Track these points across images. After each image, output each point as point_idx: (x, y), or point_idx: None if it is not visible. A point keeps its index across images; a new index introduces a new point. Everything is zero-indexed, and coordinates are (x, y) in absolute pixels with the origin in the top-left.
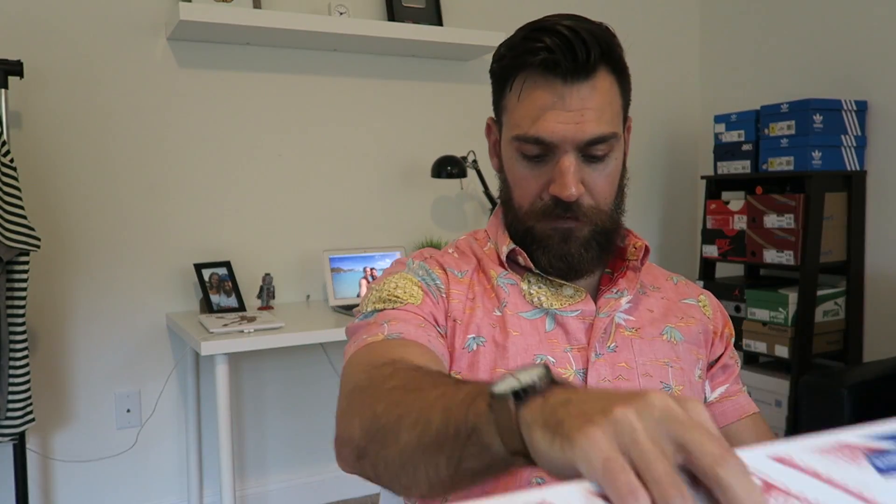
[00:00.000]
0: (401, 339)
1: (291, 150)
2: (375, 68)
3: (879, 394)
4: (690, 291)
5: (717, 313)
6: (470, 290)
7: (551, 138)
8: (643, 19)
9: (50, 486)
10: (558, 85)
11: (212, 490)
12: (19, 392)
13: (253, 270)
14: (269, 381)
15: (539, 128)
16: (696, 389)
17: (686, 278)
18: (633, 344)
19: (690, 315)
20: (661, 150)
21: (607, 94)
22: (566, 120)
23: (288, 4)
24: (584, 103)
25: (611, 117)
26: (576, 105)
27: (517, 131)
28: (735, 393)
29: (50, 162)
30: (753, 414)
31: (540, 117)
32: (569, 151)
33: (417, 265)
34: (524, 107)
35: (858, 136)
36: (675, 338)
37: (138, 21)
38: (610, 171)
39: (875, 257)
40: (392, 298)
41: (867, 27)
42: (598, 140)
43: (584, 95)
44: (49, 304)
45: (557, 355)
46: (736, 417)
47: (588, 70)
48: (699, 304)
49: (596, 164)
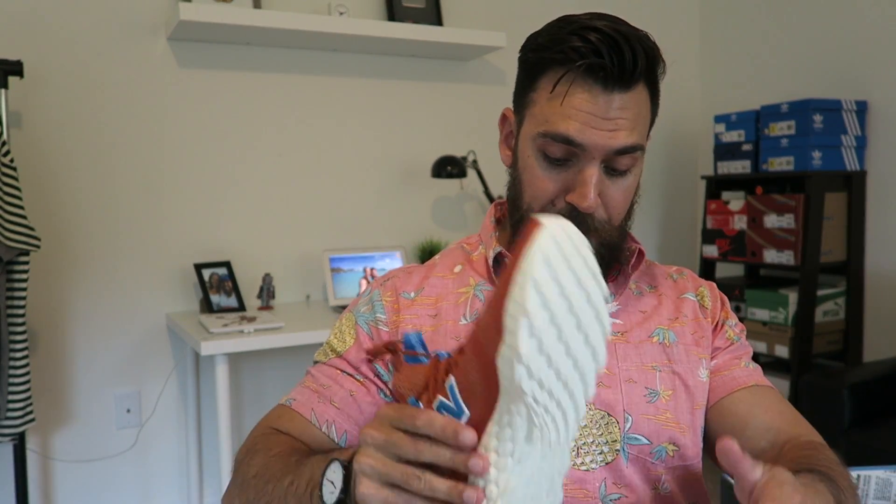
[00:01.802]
0: (290, 407)
1: (291, 149)
2: (375, 68)
3: (879, 394)
4: (689, 286)
5: (716, 304)
6: (434, 306)
7: (582, 140)
8: (643, 19)
9: (50, 486)
10: (598, 90)
11: (212, 490)
12: (19, 392)
13: (253, 270)
14: (269, 382)
15: (571, 127)
16: (702, 391)
17: (690, 271)
18: (616, 349)
19: (684, 314)
20: (661, 150)
21: (642, 108)
22: (600, 126)
23: (288, 4)
24: (621, 113)
25: (641, 131)
26: (613, 114)
27: (546, 127)
28: (728, 367)
29: (50, 162)
30: (752, 386)
31: (573, 118)
32: (595, 159)
33: (368, 298)
34: (558, 104)
35: (858, 136)
36: (668, 339)
37: (138, 21)
38: (628, 186)
39: (875, 257)
40: (329, 350)
41: (867, 27)
42: (628, 150)
43: (623, 105)
44: (49, 304)
45: None
46: (727, 392)
47: (631, 81)
48: (698, 297)
49: (616, 178)
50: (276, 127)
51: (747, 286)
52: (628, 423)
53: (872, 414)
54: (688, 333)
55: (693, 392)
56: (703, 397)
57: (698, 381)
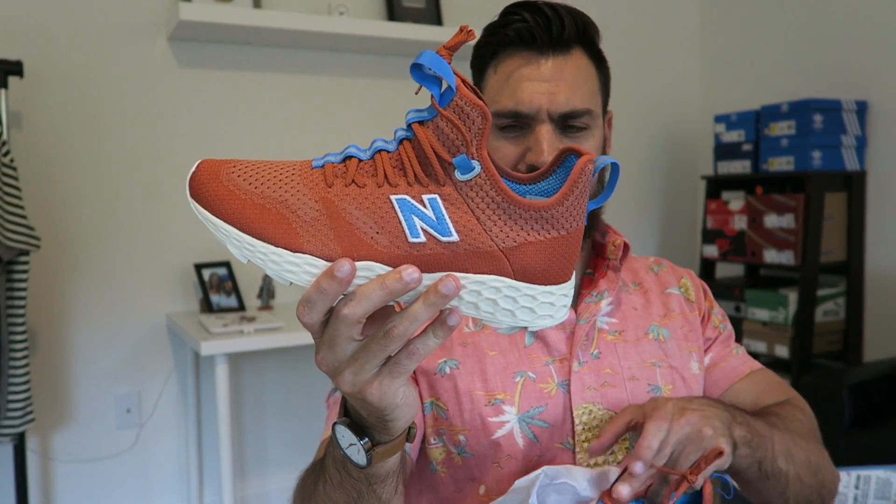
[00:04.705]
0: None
1: (291, 149)
2: (375, 68)
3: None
4: (671, 279)
5: (699, 293)
6: None
7: (528, 108)
8: (643, 19)
9: (50, 486)
10: (533, 55)
11: (212, 490)
12: (19, 392)
13: (253, 270)
14: (269, 382)
15: (518, 100)
16: (697, 383)
17: (667, 261)
18: (616, 348)
19: (672, 309)
20: (661, 150)
21: (583, 72)
22: (541, 90)
23: (288, 4)
24: (557, 74)
25: (585, 95)
26: (550, 75)
27: (497, 107)
28: (723, 358)
29: (50, 162)
30: (749, 373)
31: (516, 89)
32: (545, 121)
33: None
34: (500, 80)
35: (858, 136)
36: (662, 336)
37: (138, 21)
38: (592, 146)
39: (875, 257)
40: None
41: (867, 27)
42: (573, 115)
43: (560, 67)
44: (49, 304)
45: (538, 370)
46: (729, 384)
47: (564, 44)
48: (681, 289)
49: (574, 136)
50: (276, 126)
51: (747, 286)
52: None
53: (872, 414)
54: (678, 329)
55: (690, 384)
56: (699, 389)
57: (692, 374)
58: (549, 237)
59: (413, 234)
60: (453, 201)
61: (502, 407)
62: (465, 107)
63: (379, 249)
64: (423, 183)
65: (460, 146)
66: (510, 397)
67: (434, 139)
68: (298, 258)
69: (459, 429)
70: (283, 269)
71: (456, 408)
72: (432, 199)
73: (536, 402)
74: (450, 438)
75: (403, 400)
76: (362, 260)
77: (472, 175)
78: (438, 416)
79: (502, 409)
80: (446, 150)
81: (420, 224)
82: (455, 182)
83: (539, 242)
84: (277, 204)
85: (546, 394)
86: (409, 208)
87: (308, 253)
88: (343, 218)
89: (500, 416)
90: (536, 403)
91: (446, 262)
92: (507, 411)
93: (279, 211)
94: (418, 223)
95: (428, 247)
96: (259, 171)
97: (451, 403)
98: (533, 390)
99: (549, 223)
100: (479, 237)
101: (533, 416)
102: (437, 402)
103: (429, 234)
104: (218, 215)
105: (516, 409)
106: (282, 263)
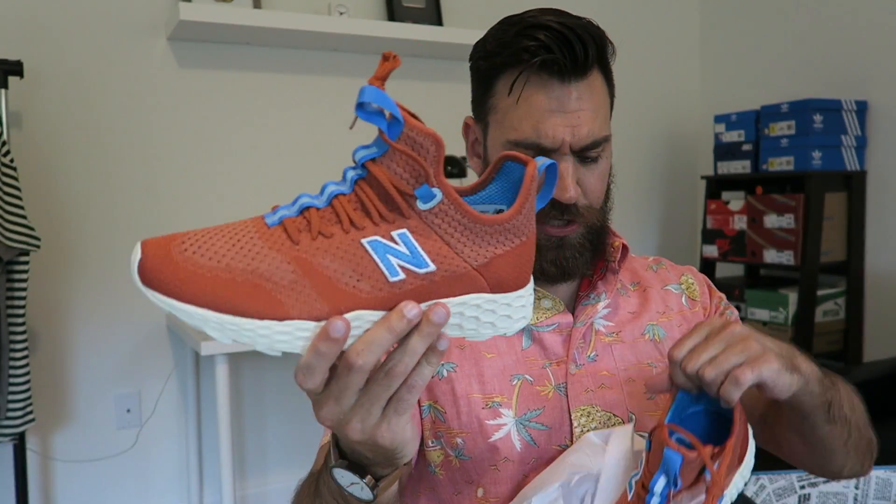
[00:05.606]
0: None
1: (292, 149)
2: (375, 68)
3: (879, 394)
4: (672, 276)
5: (703, 289)
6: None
7: (551, 144)
8: (643, 19)
9: (50, 486)
10: (556, 85)
11: (212, 490)
12: (19, 392)
13: None
14: (269, 382)
15: (541, 133)
16: None
17: (667, 260)
18: (613, 350)
19: (670, 307)
20: (661, 150)
21: (600, 96)
22: (564, 122)
23: (288, 4)
24: (581, 104)
25: (603, 119)
26: (573, 106)
27: (516, 136)
28: None
29: (50, 162)
30: None
31: (540, 121)
32: (566, 154)
33: None
34: (519, 107)
35: (858, 136)
36: (657, 335)
37: (138, 21)
38: (602, 171)
39: (875, 257)
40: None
41: (867, 27)
42: (594, 145)
43: (581, 96)
44: (49, 304)
45: (535, 373)
46: None
47: (585, 69)
48: (683, 287)
49: (589, 165)
50: (277, 127)
51: (747, 286)
52: (632, 421)
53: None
54: (675, 327)
55: None
56: None
57: None
58: (514, 246)
59: (392, 274)
60: (422, 232)
61: (499, 410)
62: (416, 137)
63: (363, 297)
64: (389, 219)
65: (419, 177)
66: (507, 400)
67: (391, 174)
68: (287, 326)
69: (457, 431)
70: (274, 340)
71: (453, 410)
72: (402, 234)
73: (534, 405)
74: (447, 441)
75: (412, 433)
76: (350, 311)
77: (434, 203)
78: (436, 418)
79: (499, 412)
80: (405, 182)
81: (396, 262)
82: (419, 212)
83: (507, 253)
84: (248, 274)
85: (543, 396)
86: (382, 248)
87: (296, 318)
88: (321, 273)
89: (498, 419)
90: (534, 406)
91: (427, 293)
92: (504, 414)
93: (253, 282)
94: (395, 261)
95: (408, 282)
96: (212, 241)
97: (449, 406)
98: (530, 393)
99: (511, 233)
100: (454, 261)
101: (530, 419)
102: (435, 404)
103: (406, 269)
104: (186, 300)
105: (514, 412)
106: (272, 336)
